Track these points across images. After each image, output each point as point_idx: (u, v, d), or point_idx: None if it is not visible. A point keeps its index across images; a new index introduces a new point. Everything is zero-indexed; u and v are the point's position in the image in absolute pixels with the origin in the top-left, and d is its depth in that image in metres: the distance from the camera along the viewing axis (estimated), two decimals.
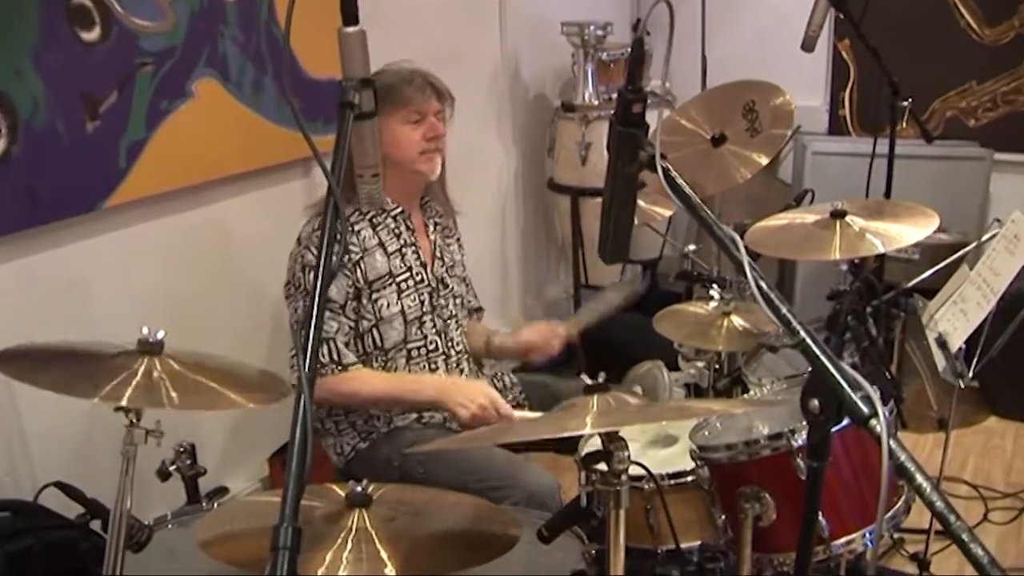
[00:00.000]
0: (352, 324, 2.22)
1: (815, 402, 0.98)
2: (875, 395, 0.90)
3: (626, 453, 1.36)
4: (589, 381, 1.44)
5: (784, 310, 1.01)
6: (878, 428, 0.87)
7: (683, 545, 1.98)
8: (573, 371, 3.83)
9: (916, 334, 2.54)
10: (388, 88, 2.20)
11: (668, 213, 2.88)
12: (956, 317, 1.93)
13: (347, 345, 2.20)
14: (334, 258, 1.02)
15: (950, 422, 2.21)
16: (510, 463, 2.15)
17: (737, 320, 2.45)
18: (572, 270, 3.90)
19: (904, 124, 2.75)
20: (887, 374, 1.98)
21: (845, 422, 1.71)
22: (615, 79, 3.80)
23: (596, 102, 3.78)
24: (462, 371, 2.40)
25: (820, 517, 1.68)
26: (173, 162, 2.43)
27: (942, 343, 1.90)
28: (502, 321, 3.99)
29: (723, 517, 1.83)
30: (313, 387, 1.01)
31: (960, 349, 1.91)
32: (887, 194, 2.76)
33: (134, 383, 1.55)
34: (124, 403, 1.50)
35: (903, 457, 0.85)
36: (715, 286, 2.64)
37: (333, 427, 2.33)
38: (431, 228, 2.40)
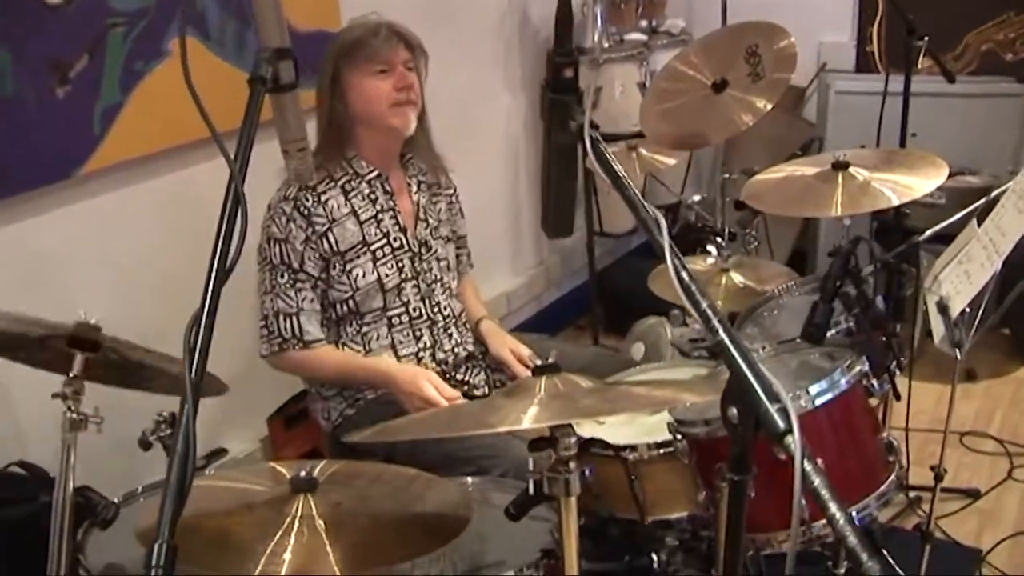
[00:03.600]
0: (322, 296, 2.18)
1: (734, 410, 0.89)
2: (792, 409, 0.81)
3: (573, 439, 1.29)
4: (538, 362, 1.35)
5: (704, 305, 0.91)
6: (792, 447, 0.78)
7: (672, 516, 1.92)
8: (587, 329, 3.76)
9: None
10: (354, 43, 2.14)
11: (672, 162, 2.73)
12: (960, 279, 1.80)
13: (312, 319, 2.15)
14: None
15: (955, 379, 2.06)
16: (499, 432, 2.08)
17: (737, 277, 2.35)
18: (586, 217, 3.78)
19: (921, 63, 2.57)
20: (886, 340, 1.85)
21: (828, 396, 1.65)
22: (627, 20, 3.64)
23: (607, 44, 3.61)
24: (451, 336, 2.32)
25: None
26: (151, 125, 2.36)
27: (943, 308, 1.77)
28: (514, 269, 3.91)
29: (704, 493, 1.75)
30: (198, 393, 0.95)
31: (962, 313, 1.77)
32: (902, 137, 2.60)
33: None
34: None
35: (817, 482, 0.76)
36: (717, 239, 2.52)
37: (322, 391, 2.29)
38: (414, 188, 2.30)
